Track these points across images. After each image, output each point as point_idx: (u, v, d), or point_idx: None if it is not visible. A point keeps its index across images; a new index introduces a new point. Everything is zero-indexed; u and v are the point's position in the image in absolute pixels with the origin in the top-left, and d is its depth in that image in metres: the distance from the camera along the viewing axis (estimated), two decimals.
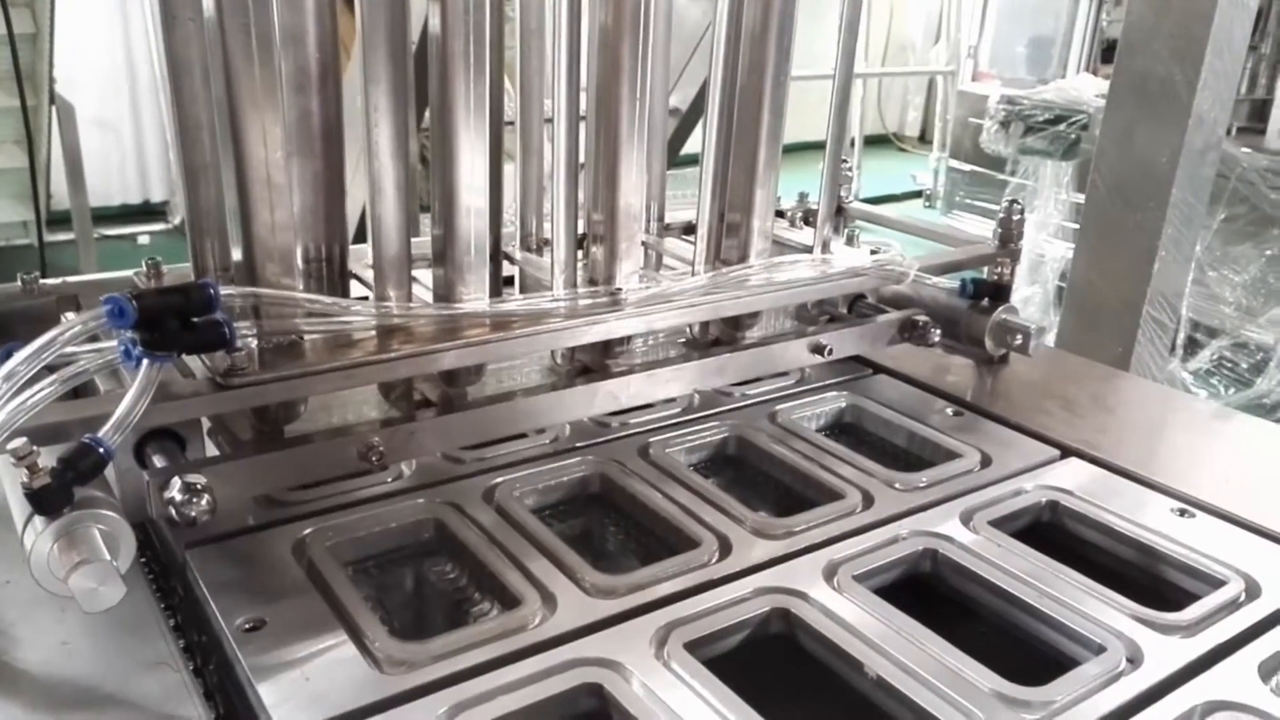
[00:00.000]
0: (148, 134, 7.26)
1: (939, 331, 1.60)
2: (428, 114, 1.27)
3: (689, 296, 1.44)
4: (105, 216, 6.68)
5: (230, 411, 1.23)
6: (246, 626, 1.01)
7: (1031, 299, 5.61)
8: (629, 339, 1.48)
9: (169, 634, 1.04)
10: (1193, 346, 4.98)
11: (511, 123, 1.62)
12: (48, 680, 0.97)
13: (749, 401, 1.61)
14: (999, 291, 1.69)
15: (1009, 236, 1.76)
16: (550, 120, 1.35)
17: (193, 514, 1.04)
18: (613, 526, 1.39)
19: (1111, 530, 1.29)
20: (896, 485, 1.35)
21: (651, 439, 1.44)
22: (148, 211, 7.30)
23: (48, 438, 0.99)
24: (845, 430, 1.62)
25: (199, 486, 1.05)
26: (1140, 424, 1.65)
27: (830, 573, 1.15)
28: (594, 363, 1.45)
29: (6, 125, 5.09)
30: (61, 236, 5.73)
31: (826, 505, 1.30)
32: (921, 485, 1.36)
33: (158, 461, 1.11)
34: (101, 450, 0.96)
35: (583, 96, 1.35)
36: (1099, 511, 1.31)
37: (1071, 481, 1.38)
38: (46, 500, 0.93)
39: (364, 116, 1.19)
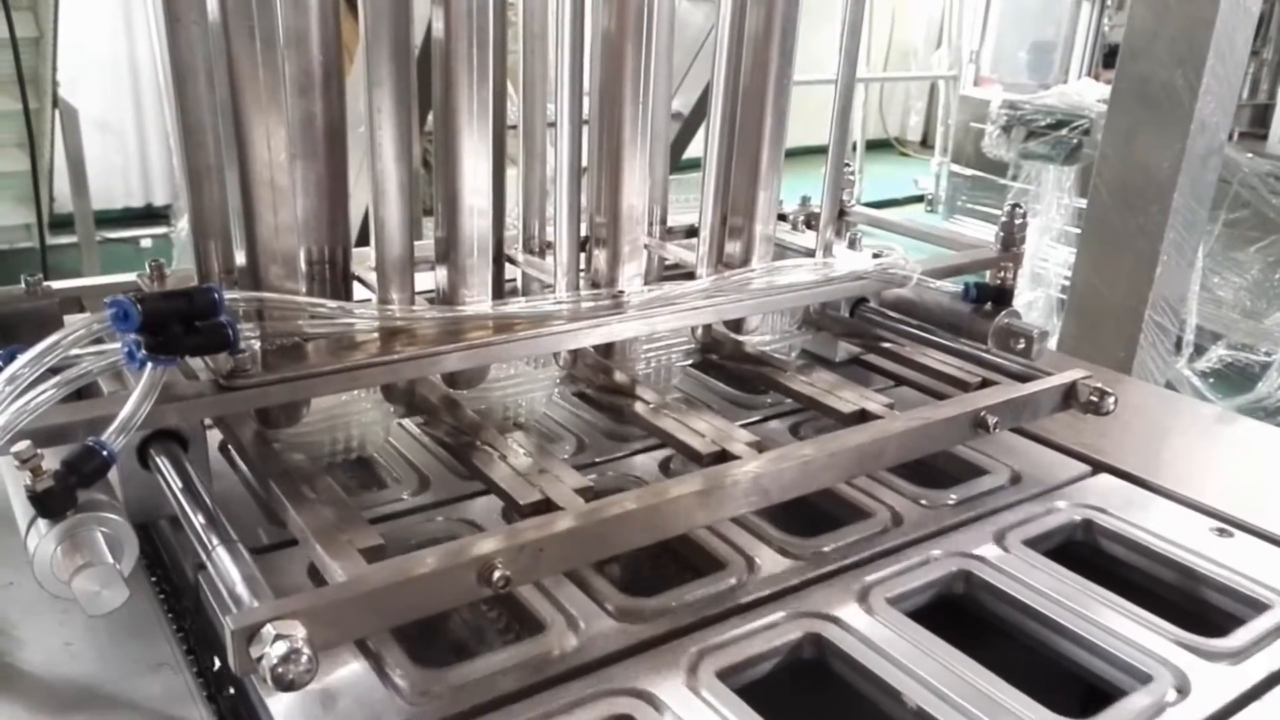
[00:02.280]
0: (150, 137, 7.27)
1: (1115, 399, 1.40)
2: (431, 117, 1.28)
3: (692, 299, 1.44)
4: (108, 220, 6.68)
5: (234, 413, 1.23)
6: None
7: (1034, 304, 5.61)
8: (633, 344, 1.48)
9: (172, 636, 1.04)
10: (1195, 350, 4.98)
11: (514, 126, 1.62)
12: (50, 682, 0.97)
13: (770, 413, 1.60)
14: (1002, 295, 1.68)
15: (1011, 240, 1.75)
16: (553, 124, 1.35)
17: (291, 677, 0.81)
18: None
19: (1148, 550, 1.26)
20: (924, 502, 1.34)
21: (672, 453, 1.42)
22: (150, 215, 7.30)
23: (51, 440, 0.99)
24: None
25: (298, 644, 0.82)
26: (1141, 429, 1.64)
27: (863, 595, 1.13)
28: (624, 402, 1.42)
29: (9, 128, 5.09)
30: (64, 240, 5.73)
31: (855, 524, 1.28)
32: (951, 503, 1.34)
33: (163, 464, 1.10)
34: (105, 453, 0.96)
35: (586, 100, 1.36)
36: (1134, 530, 1.29)
37: (1103, 498, 1.36)
38: (50, 503, 0.93)
39: (367, 119, 1.19)
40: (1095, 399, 1.39)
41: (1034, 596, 1.14)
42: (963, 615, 1.18)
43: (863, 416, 1.39)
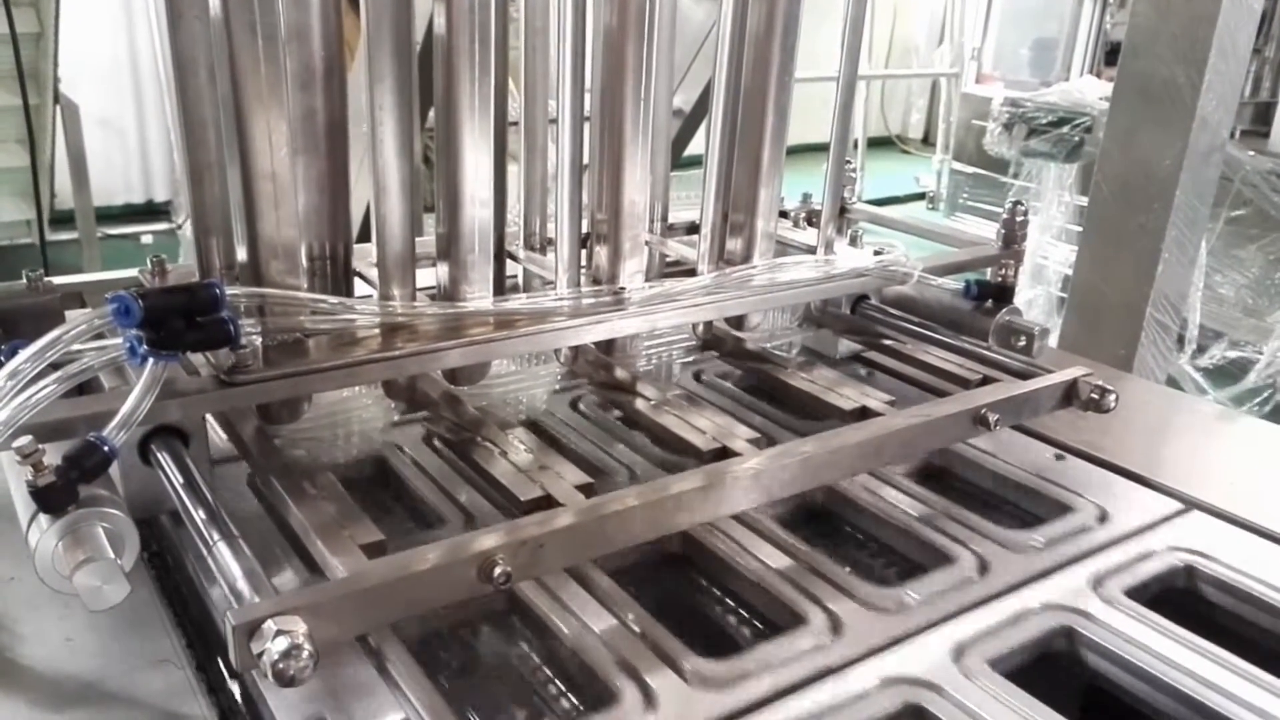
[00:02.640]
0: (151, 134, 7.27)
1: (1115, 396, 1.39)
2: (432, 114, 1.28)
3: (692, 296, 1.44)
4: (108, 216, 6.68)
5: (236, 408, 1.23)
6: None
7: (1034, 302, 5.61)
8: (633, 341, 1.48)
9: (173, 631, 1.04)
10: (1198, 349, 4.98)
11: (516, 123, 1.62)
12: (51, 677, 0.97)
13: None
14: (1003, 293, 1.68)
15: (1013, 238, 1.75)
16: (554, 120, 1.35)
17: (292, 673, 0.82)
18: (698, 594, 1.24)
19: (1255, 599, 1.18)
20: (1010, 546, 1.25)
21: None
22: (151, 211, 7.30)
23: (52, 435, 0.99)
24: (931, 474, 1.48)
25: (299, 639, 0.82)
26: (1142, 425, 1.64)
27: (958, 655, 1.04)
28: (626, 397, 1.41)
29: (10, 124, 5.09)
30: (65, 236, 5.73)
31: (939, 572, 1.19)
32: (1039, 545, 1.25)
33: (164, 459, 1.10)
34: (106, 448, 0.96)
35: (587, 97, 1.36)
36: (1237, 576, 1.21)
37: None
38: (51, 498, 0.93)
39: (369, 115, 1.19)
40: (1096, 396, 1.39)
41: (1144, 657, 1.05)
42: (1066, 676, 1.10)
43: (863, 414, 1.39)
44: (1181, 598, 1.22)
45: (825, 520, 1.37)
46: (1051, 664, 1.10)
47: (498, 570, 0.95)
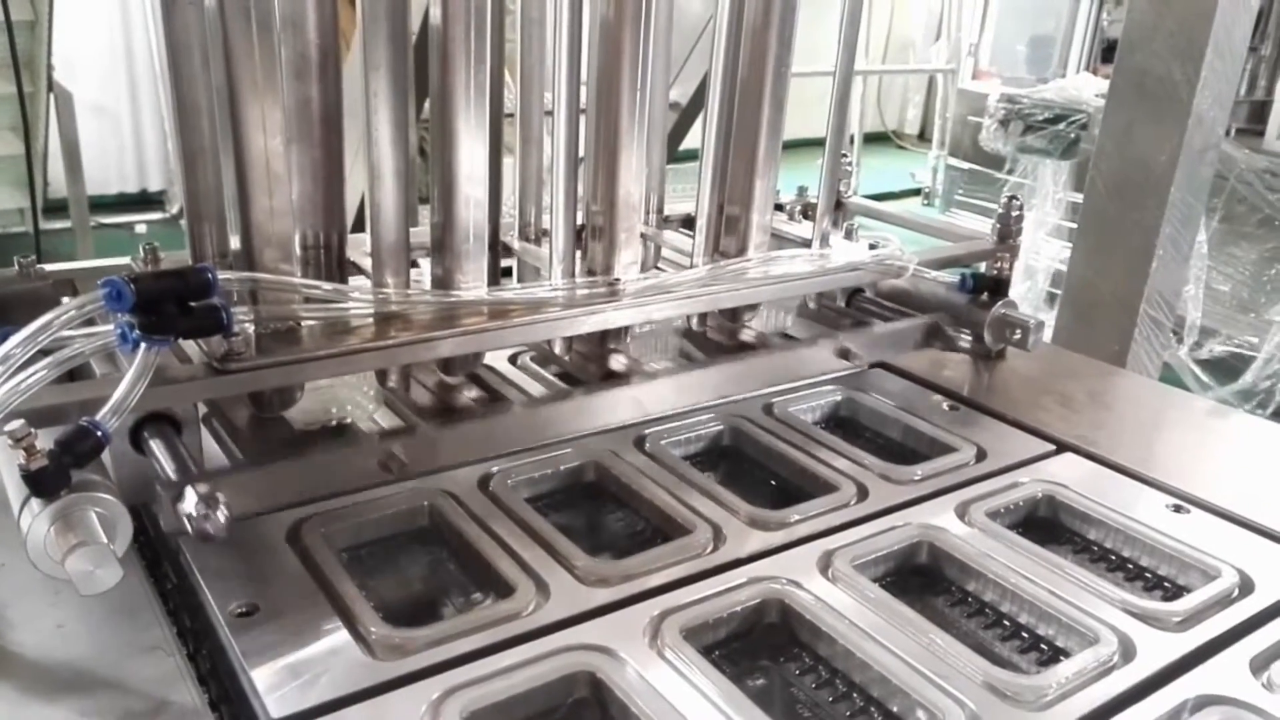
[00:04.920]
0: (146, 123, 7.24)
1: (969, 335, 1.51)
2: (427, 105, 1.27)
3: (687, 288, 1.44)
4: (102, 205, 6.66)
5: (227, 396, 1.23)
6: (239, 612, 1.01)
7: (1023, 297, 5.62)
8: (627, 332, 1.48)
9: (164, 619, 1.04)
10: (1195, 345, 5.00)
11: (511, 114, 1.62)
12: (42, 663, 0.97)
13: (745, 395, 1.61)
14: (998, 286, 1.69)
15: (1008, 232, 1.76)
16: (550, 112, 1.35)
17: (209, 528, 0.99)
18: (607, 516, 1.38)
19: (1106, 525, 1.29)
20: (891, 478, 1.35)
21: (646, 430, 1.43)
22: (145, 200, 7.27)
23: (45, 420, 0.99)
24: (841, 424, 1.61)
25: (216, 499, 1.00)
26: (1135, 420, 1.65)
27: (825, 564, 1.15)
28: (596, 362, 1.45)
29: (4, 113, 5.08)
30: (58, 224, 5.71)
31: (821, 498, 1.30)
32: (916, 478, 1.35)
33: (155, 447, 1.10)
34: (99, 433, 0.96)
35: (583, 89, 1.35)
36: (1094, 506, 1.31)
37: (1067, 476, 1.38)
38: (43, 483, 0.93)
39: (364, 104, 1.19)
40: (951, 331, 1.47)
41: (991, 565, 1.16)
42: (924, 585, 1.21)
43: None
44: (1040, 524, 1.31)
45: (731, 459, 1.47)
46: (912, 573, 1.21)
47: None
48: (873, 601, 1.09)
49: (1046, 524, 1.34)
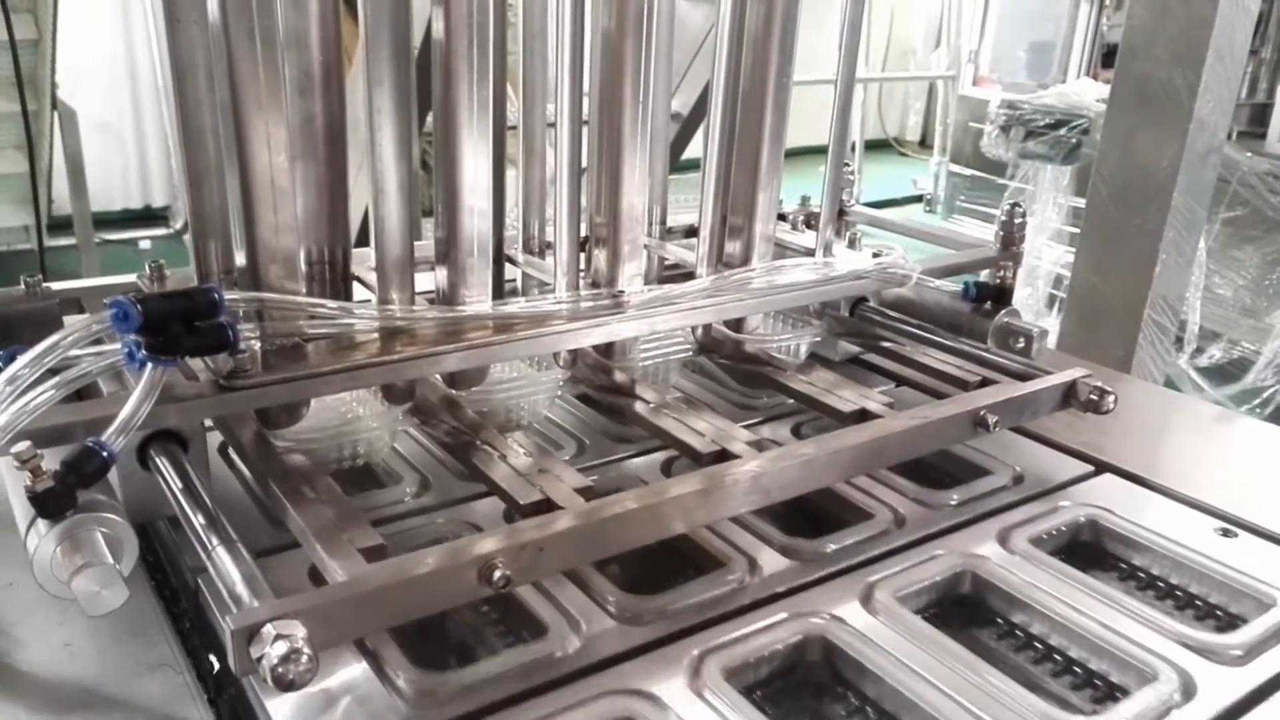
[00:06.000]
0: (149, 139, 7.27)
1: (1114, 398, 1.39)
2: (430, 118, 1.28)
3: (691, 299, 1.44)
4: (106, 221, 6.68)
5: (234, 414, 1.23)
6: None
7: (1024, 301, 5.61)
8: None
9: (172, 637, 1.04)
10: (1197, 350, 4.98)
11: (514, 126, 1.62)
12: (50, 682, 0.97)
13: (772, 414, 1.60)
14: (1001, 294, 1.68)
15: (1011, 239, 1.76)
16: (553, 124, 1.35)
17: (291, 677, 0.81)
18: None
19: (1152, 551, 1.25)
20: (927, 503, 1.32)
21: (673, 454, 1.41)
22: (149, 216, 7.30)
23: (51, 441, 0.99)
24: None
25: (299, 644, 0.82)
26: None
27: (866, 596, 1.12)
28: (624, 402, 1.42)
29: (8, 130, 5.10)
30: (62, 241, 5.73)
31: (856, 525, 1.27)
32: (953, 503, 1.32)
33: (162, 464, 1.10)
34: (105, 453, 0.96)
35: (585, 100, 1.36)
36: (1139, 531, 1.27)
37: (1108, 499, 1.34)
38: (50, 503, 0.93)
39: (367, 119, 1.19)
40: (1095, 397, 1.39)
41: (1039, 595, 1.13)
42: (968, 616, 1.17)
43: (863, 416, 1.39)
44: (1084, 549, 1.28)
45: None
46: (956, 604, 1.17)
47: (497, 574, 0.95)
48: (918, 636, 1.05)
49: (1090, 550, 1.30)
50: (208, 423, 1.22)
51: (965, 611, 1.18)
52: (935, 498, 1.34)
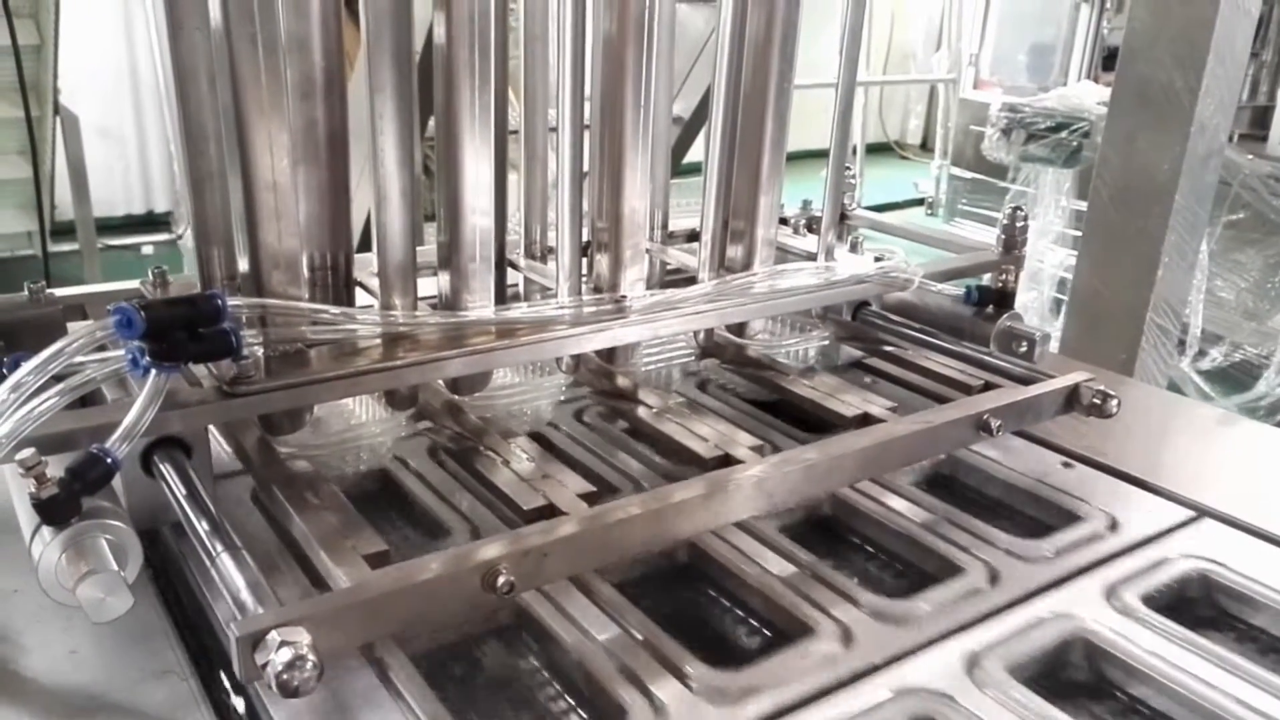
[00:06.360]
0: (151, 144, 7.28)
1: (1117, 401, 1.37)
2: (432, 123, 1.28)
3: (694, 304, 1.44)
4: (109, 227, 6.69)
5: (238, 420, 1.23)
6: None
7: (1029, 305, 5.61)
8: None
9: (177, 644, 1.03)
10: (1199, 353, 4.98)
11: (516, 132, 1.62)
12: (55, 689, 0.97)
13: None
14: (1004, 298, 1.68)
15: (1013, 243, 1.76)
16: (554, 129, 1.36)
17: (296, 684, 0.81)
18: (703, 602, 1.21)
19: (1273, 609, 1.16)
20: (1021, 555, 1.22)
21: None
22: (151, 222, 7.31)
23: (55, 447, 0.99)
24: (938, 483, 1.46)
25: (303, 650, 0.81)
26: (1145, 432, 1.64)
27: (971, 667, 1.02)
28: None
29: (11, 136, 5.11)
30: (65, 247, 5.74)
31: (948, 582, 1.17)
32: (1049, 556, 1.22)
33: (166, 471, 1.10)
34: (109, 460, 0.96)
35: (587, 105, 1.36)
36: (1256, 587, 1.18)
37: (1215, 550, 1.25)
38: (54, 511, 0.93)
39: (369, 125, 1.20)
40: (1098, 401, 1.39)
41: (1159, 664, 1.03)
42: (1082, 686, 1.08)
43: (865, 420, 1.39)
44: (1195, 606, 1.20)
45: (831, 529, 1.34)
46: (1067, 672, 1.08)
47: (501, 580, 0.94)
48: (1038, 716, 0.95)
49: (1200, 606, 1.21)
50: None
51: (1077, 683, 1.08)
52: (1030, 549, 1.24)
